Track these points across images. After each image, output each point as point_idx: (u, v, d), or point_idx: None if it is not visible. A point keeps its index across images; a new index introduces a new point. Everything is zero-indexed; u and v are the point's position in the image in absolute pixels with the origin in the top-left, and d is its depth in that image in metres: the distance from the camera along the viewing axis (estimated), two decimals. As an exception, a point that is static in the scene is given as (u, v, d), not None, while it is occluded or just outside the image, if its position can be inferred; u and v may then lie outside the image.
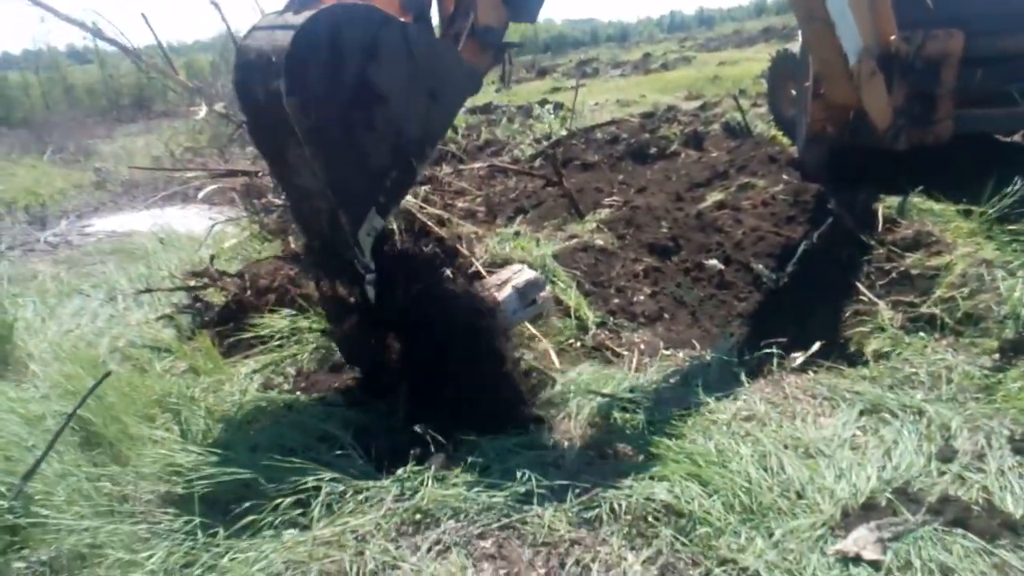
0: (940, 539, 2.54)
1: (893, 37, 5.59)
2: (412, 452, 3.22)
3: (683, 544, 2.70)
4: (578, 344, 4.73)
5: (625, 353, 4.54)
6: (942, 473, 2.94)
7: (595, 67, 28.77)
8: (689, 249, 5.95)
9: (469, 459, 3.27)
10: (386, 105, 3.14)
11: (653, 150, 9.99)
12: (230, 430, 3.51)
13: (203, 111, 6.66)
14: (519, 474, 3.17)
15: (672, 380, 4.05)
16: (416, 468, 3.17)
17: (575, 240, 6.12)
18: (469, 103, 19.40)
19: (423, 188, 6.90)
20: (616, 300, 5.30)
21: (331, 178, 3.06)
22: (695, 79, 19.49)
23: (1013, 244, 4.56)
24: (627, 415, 3.66)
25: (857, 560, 2.49)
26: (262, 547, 2.74)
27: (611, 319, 5.01)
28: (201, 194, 8.97)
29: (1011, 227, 4.67)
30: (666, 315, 5.12)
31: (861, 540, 2.56)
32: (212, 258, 5.79)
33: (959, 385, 3.58)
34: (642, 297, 5.33)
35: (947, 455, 3.03)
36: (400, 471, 3.15)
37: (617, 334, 4.86)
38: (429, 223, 5.98)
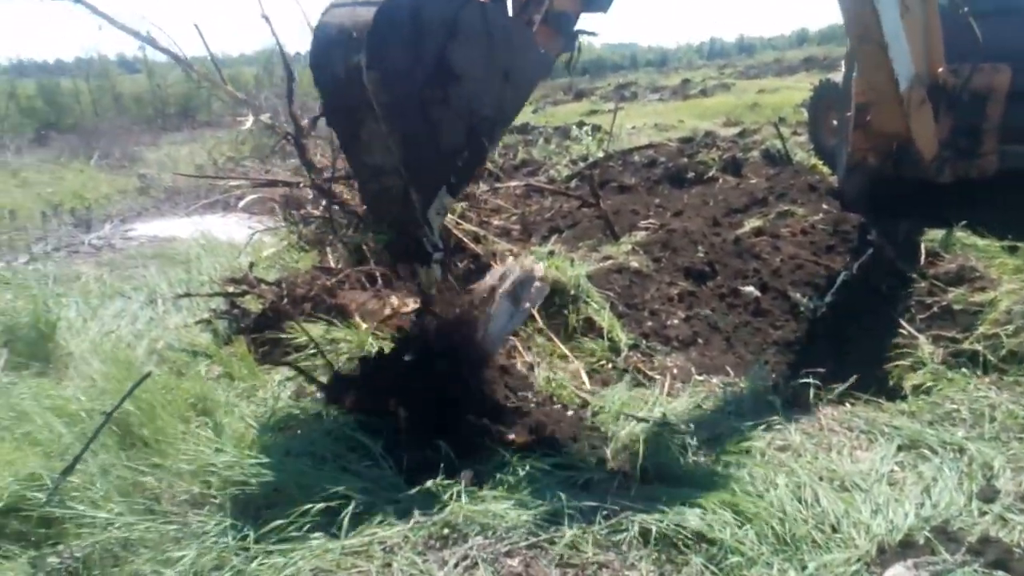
0: (980, 581, 2.47)
1: (941, 69, 5.53)
2: (441, 466, 3.23)
3: (713, 573, 2.66)
4: (610, 366, 4.71)
5: (657, 377, 4.50)
6: (983, 513, 2.86)
7: (633, 91, 28.85)
8: (725, 275, 5.90)
9: (498, 476, 3.26)
10: (461, 84, 3.14)
11: (691, 175, 9.96)
12: (263, 435, 3.55)
13: (249, 121, 6.78)
14: (548, 493, 3.16)
15: (705, 406, 4.01)
16: (445, 482, 3.17)
17: (610, 261, 6.10)
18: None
19: (460, 205, 6.96)
20: (649, 323, 5.26)
21: (405, 155, 3.07)
22: (734, 106, 19.44)
23: (1061, 282, 4.46)
24: (659, 440, 3.62)
25: (894, 598, 2.43)
26: (290, 553, 2.76)
27: (644, 342, 4.98)
28: (242, 203, 9.16)
29: (1059, 265, 4.58)
30: (700, 340, 5.07)
31: (898, 578, 2.50)
32: (251, 266, 5.88)
33: (1002, 424, 3.49)
34: (676, 321, 5.29)
35: (989, 495, 2.95)
36: (429, 484, 3.15)
37: (650, 357, 4.82)
38: (465, 239, 6.03)
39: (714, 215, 7.45)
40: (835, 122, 8.93)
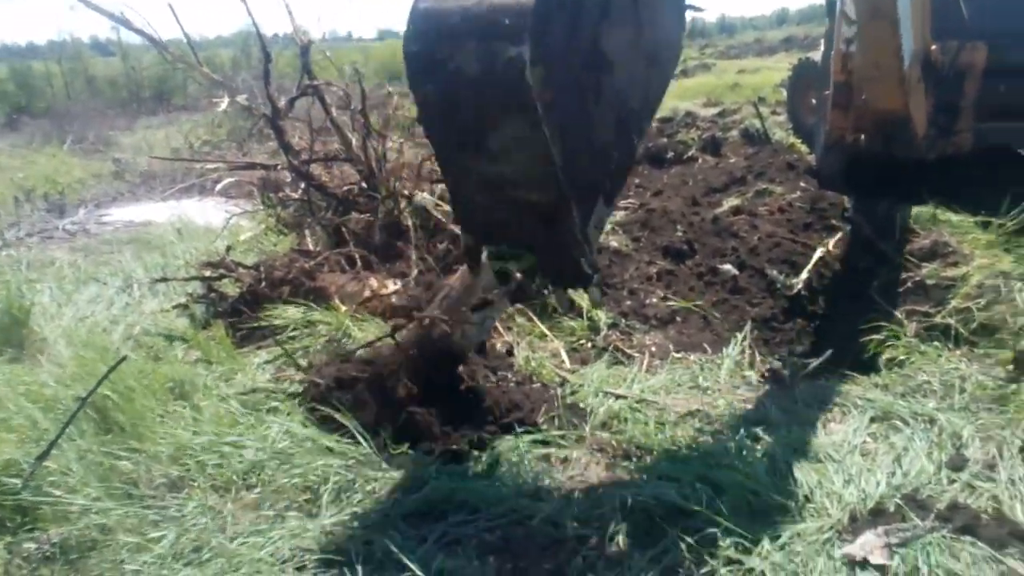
0: (948, 546, 2.53)
1: (934, 47, 5.57)
2: (419, 444, 3.24)
3: (689, 545, 2.70)
4: (589, 345, 4.73)
5: (636, 355, 4.54)
6: (952, 481, 2.92)
7: (613, 72, 28.68)
8: (704, 253, 5.94)
9: (477, 454, 3.28)
10: (612, 72, 2.72)
11: (670, 154, 9.98)
12: (241, 417, 3.54)
13: (225, 103, 6.70)
14: (527, 470, 3.19)
15: (682, 383, 4.04)
16: (424, 460, 3.19)
17: (589, 241, 6.11)
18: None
19: (439, 186, 6.93)
20: (628, 302, 5.29)
21: (565, 162, 2.57)
22: (714, 86, 19.43)
23: (1031, 257, 4.53)
24: (638, 416, 3.66)
25: (864, 564, 2.48)
26: (269, 532, 2.77)
27: (623, 321, 5.00)
28: (219, 186, 9.07)
29: (1030, 240, 4.66)
30: (678, 318, 5.11)
31: (868, 545, 2.55)
32: (228, 249, 5.83)
33: (972, 395, 3.56)
34: (655, 299, 5.32)
35: (958, 463, 3.00)
36: (409, 462, 3.17)
37: (629, 336, 4.85)
38: (444, 220, 6.01)
39: (693, 194, 7.48)
40: (814, 101, 8.96)
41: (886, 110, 5.53)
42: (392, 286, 5.15)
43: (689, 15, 3.31)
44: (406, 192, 5.95)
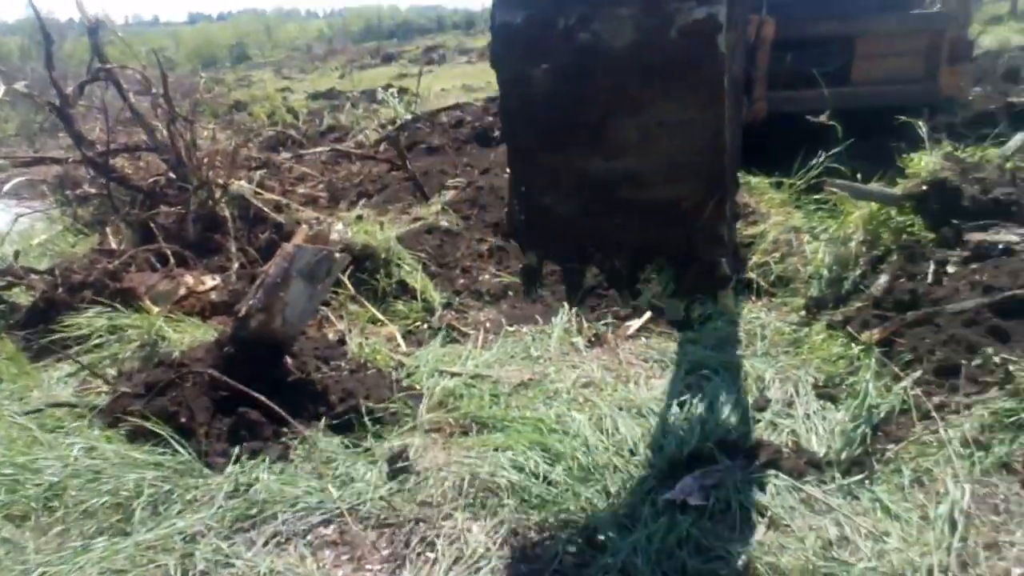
0: (755, 481, 2.74)
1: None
2: (243, 446, 3.08)
3: (526, 511, 2.75)
4: (424, 326, 4.71)
5: (471, 332, 4.56)
6: (757, 421, 3.17)
7: (442, 54, 28.65)
8: (532, 228, 6.05)
9: (306, 448, 3.17)
10: (727, 36, 2.25)
11: (497, 133, 10.09)
12: (36, 438, 3.19)
13: (0, 91, 5.99)
14: (361, 460, 3.12)
15: (516, 354, 4.12)
16: (250, 461, 3.04)
17: (420, 223, 6.06)
18: (311, 88, 18.75)
19: (258, 173, 6.60)
20: (462, 280, 5.31)
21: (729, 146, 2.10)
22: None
23: (818, 212, 4.99)
24: (473, 391, 3.68)
25: (684, 507, 2.64)
26: (75, 559, 2.52)
27: (457, 299, 5.02)
28: (6, 188, 8.12)
29: (816, 196, 5.12)
30: (510, 292, 5.19)
31: (687, 488, 2.72)
32: (16, 255, 5.24)
33: (771, 341, 3.88)
34: (487, 276, 5.37)
35: (761, 404, 3.27)
36: (232, 466, 3.00)
37: (463, 314, 4.88)
38: (265, 209, 5.74)
39: (520, 171, 7.59)
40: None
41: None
42: (210, 282, 4.86)
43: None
44: (221, 181, 5.62)
